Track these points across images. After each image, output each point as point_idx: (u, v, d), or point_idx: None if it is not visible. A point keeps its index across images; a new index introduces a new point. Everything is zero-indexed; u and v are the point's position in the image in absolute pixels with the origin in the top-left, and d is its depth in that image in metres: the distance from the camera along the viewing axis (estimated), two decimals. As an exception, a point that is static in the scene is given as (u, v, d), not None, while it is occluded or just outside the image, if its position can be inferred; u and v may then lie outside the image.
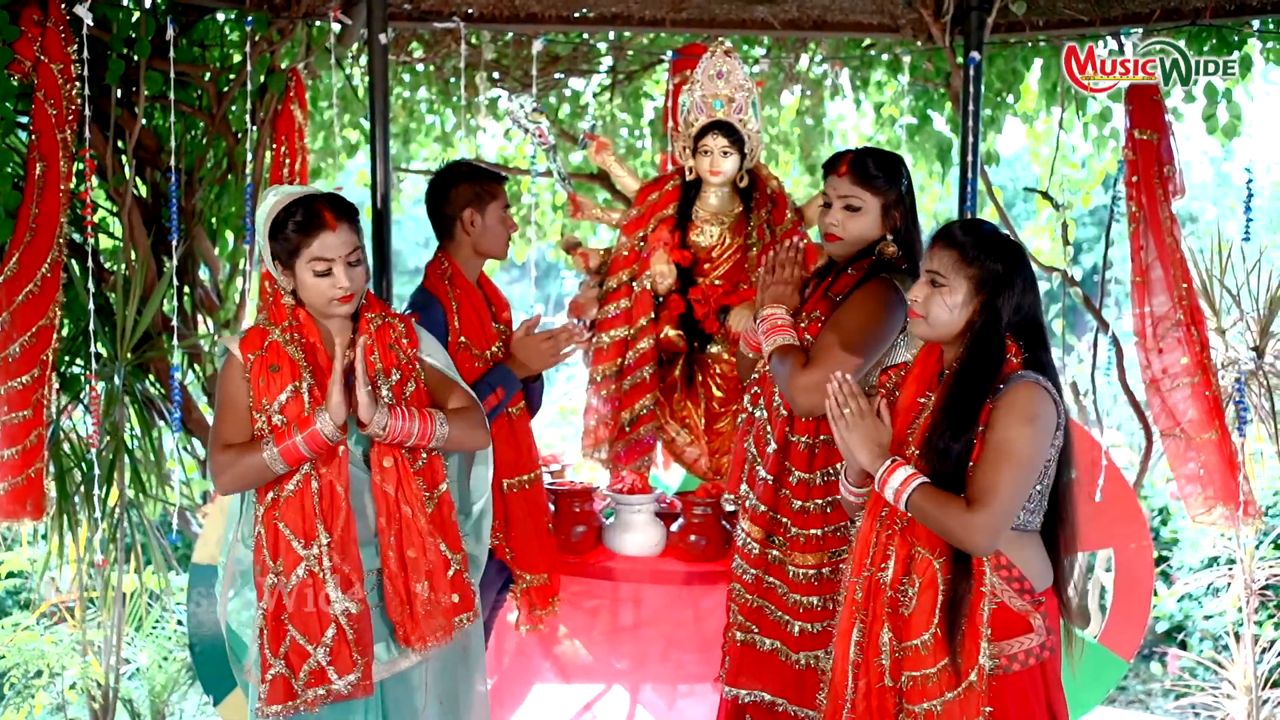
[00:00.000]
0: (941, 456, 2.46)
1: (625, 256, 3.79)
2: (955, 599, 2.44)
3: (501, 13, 4.99)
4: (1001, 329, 2.51)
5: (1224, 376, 4.20)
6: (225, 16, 4.82)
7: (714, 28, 5.14)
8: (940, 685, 2.44)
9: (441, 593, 2.81)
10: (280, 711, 2.71)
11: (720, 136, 3.63)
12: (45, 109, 3.70)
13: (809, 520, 3.02)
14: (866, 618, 2.53)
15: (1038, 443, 2.43)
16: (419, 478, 2.81)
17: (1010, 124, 6.06)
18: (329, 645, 2.69)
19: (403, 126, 6.41)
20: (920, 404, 2.58)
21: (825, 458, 3.01)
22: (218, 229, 4.88)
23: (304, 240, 2.70)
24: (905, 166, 3.12)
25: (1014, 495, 2.42)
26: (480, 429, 2.93)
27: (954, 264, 2.53)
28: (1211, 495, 4.04)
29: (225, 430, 2.74)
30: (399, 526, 2.77)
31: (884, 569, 2.51)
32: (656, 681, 3.89)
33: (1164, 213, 4.01)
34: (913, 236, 3.09)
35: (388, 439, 2.73)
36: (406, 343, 2.90)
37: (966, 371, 2.50)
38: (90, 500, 4.09)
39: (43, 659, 4.43)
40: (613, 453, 3.83)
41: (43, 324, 3.72)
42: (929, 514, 2.43)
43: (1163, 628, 6.09)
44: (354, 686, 2.71)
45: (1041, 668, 2.54)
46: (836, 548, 2.99)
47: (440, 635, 2.82)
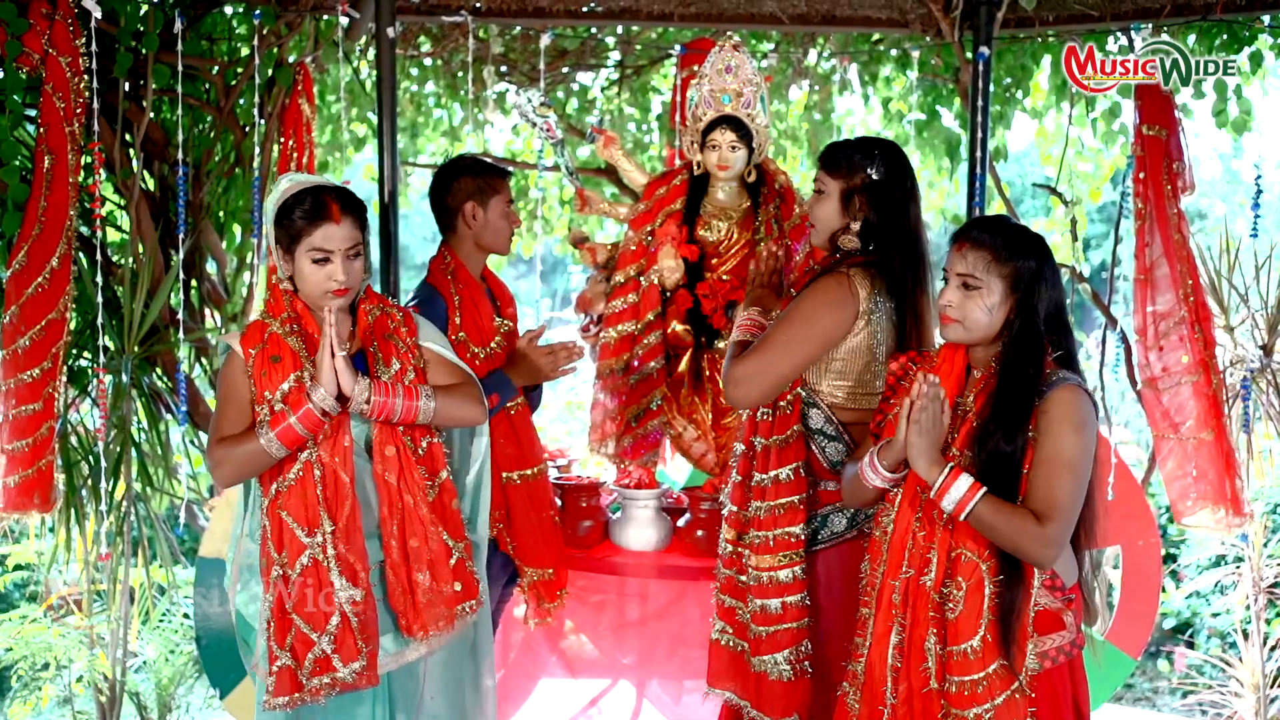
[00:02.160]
0: (997, 460, 2.44)
1: (633, 251, 3.78)
2: (1009, 601, 2.43)
3: (509, 7, 4.98)
4: (1040, 325, 2.50)
5: (1231, 375, 4.18)
6: (233, 10, 4.82)
7: (722, 22, 5.13)
8: (990, 689, 2.42)
9: (444, 582, 2.82)
10: (287, 703, 2.72)
11: (728, 131, 3.62)
12: (53, 102, 3.70)
13: (764, 523, 2.96)
14: (906, 621, 2.51)
15: (1089, 448, 2.44)
16: (420, 466, 2.82)
17: (1019, 120, 6.04)
18: (333, 634, 2.70)
19: (410, 120, 6.42)
20: (955, 404, 2.56)
21: (777, 459, 2.94)
22: (225, 222, 4.88)
23: (307, 228, 2.72)
24: (887, 155, 2.96)
25: (1076, 504, 2.43)
26: (474, 403, 2.90)
27: (986, 265, 2.50)
28: (1200, 496, 3.98)
29: (224, 424, 2.75)
30: (401, 515, 2.78)
31: (926, 571, 2.49)
32: (663, 677, 3.89)
33: (1172, 209, 3.99)
34: (892, 231, 2.93)
35: (372, 412, 2.73)
36: (405, 331, 2.91)
37: (1012, 372, 2.48)
38: (97, 493, 4.10)
39: (50, 652, 4.43)
40: (619, 448, 3.82)
41: (53, 317, 3.72)
42: (996, 526, 2.40)
43: (1170, 625, 6.08)
44: (359, 675, 2.72)
45: (1070, 664, 2.54)
46: (790, 550, 2.91)
47: (443, 625, 2.83)
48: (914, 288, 2.94)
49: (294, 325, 2.79)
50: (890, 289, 2.93)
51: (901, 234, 2.95)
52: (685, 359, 3.83)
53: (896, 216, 2.94)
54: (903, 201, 2.96)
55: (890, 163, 2.96)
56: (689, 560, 3.69)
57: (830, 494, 2.97)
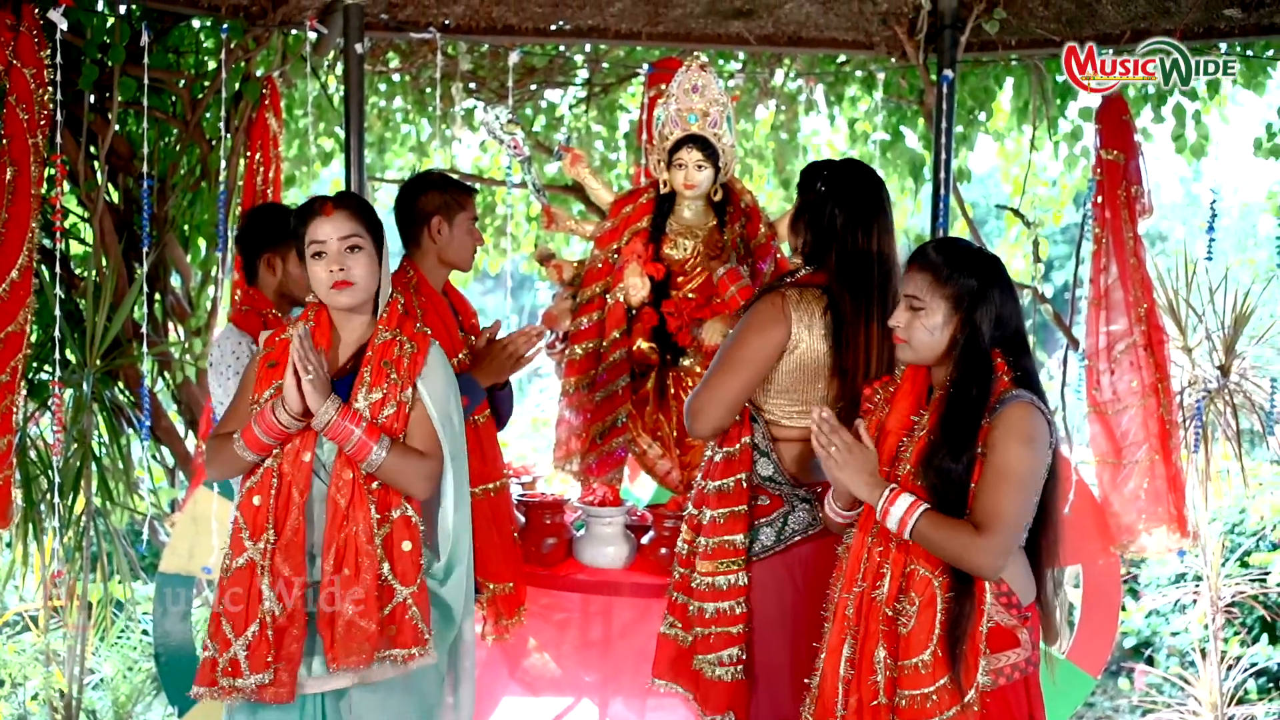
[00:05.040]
0: (943, 477, 2.46)
1: (599, 269, 3.79)
2: (958, 617, 2.44)
3: (478, 24, 4.99)
4: (985, 344, 2.52)
5: (1189, 395, 4.23)
6: (200, 23, 4.81)
7: (690, 42, 5.16)
8: (939, 704, 2.44)
9: (368, 618, 2.70)
10: (202, 694, 2.74)
11: (695, 150, 3.64)
12: (17, 113, 3.67)
13: (706, 529, 3.04)
14: (858, 634, 2.53)
15: (1037, 463, 2.46)
16: (371, 499, 2.75)
17: (982, 141, 6.10)
18: (249, 640, 2.70)
19: (378, 136, 6.40)
20: (912, 422, 2.58)
21: (723, 469, 3.01)
22: (190, 236, 4.85)
23: (302, 227, 2.79)
24: (835, 175, 2.99)
25: (1019, 517, 2.45)
26: (421, 479, 2.80)
27: (929, 285, 2.54)
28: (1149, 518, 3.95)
29: (228, 418, 2.84)
30: (342, 541, 2.73)
31: (879, 586, 2.51)
32: (626, 695, 3.88)
33: (1128, 233, 4.03)
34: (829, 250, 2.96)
35: (326, 432, 2.70)
36: (407, 364, 2.82)
37: (959, 390, 2.51)
38: (54, 508, 4.06)
39: (5, 669, 4.38)
40: (584, 465, 3.82)
41: (12, 329, 3.68)
42: (936, 541, 2.43)
43: (1130, 643, 6.12)
44: (264, 688, 2.69)
45: (1025, 682, 2.56)
46: (728, 558, 2.99)
47: (355, 660, 2.71)
48: (857, 306, 2.93)
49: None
50: (829, 307, 2.95)
51: (846, 254, 2.95)
52: (650, 377, 3.84)
53: (834, 236, 2.95)
54: (848, 221, 2.95)
55: (835, 182, 2.97)
56: (653, 578, 3.69)
57: (762, 508, 3.03)
